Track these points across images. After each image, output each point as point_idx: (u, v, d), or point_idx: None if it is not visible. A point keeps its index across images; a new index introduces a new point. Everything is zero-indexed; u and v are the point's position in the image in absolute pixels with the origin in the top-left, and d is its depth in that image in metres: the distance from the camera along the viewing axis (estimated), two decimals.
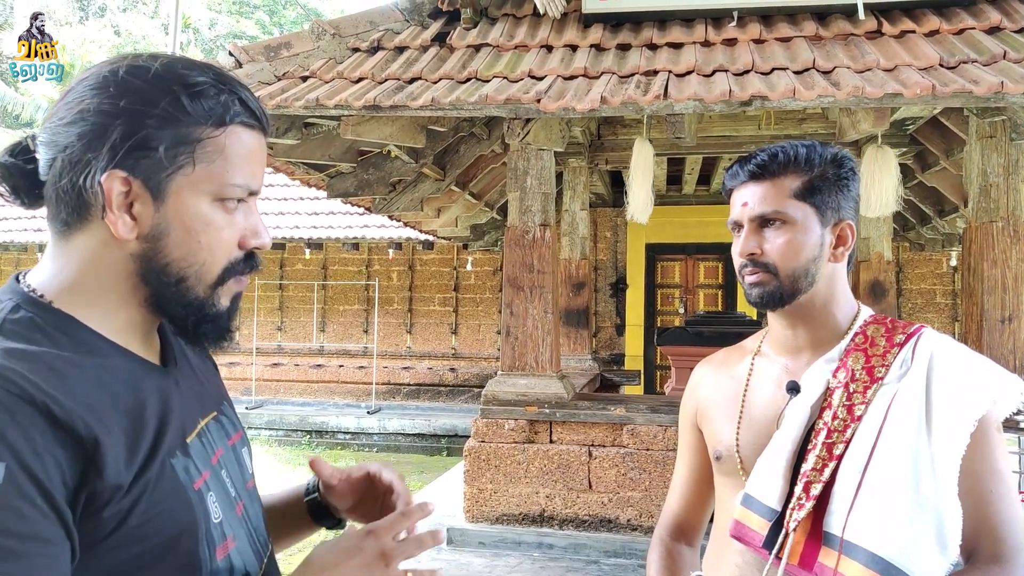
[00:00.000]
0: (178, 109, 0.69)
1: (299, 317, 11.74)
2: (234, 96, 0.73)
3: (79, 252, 0.71)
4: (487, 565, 4.29)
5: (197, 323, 0.74)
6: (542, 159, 4.80)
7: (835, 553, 0.98)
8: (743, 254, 1.13)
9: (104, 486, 0.62)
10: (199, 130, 0.70)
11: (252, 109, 0.74)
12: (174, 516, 0.68)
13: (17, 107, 16.28)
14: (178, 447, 0.71)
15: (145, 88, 0.69)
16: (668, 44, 4.61)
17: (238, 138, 0.73)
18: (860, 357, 1.08)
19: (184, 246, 0.71)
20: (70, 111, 0.69)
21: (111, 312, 0.72)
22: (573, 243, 6.50)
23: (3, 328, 0.65)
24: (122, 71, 0.69)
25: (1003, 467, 1.02)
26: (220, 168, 0.72)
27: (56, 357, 0.64)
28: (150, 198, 0.69)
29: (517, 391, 4.65)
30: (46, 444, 0.60)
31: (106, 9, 22.27)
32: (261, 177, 0.76)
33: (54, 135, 0.69)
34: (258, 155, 0.76)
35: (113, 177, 0.68)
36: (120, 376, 0.69)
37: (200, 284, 0.73)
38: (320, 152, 5.19)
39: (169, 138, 0.69)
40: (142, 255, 0.71)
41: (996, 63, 3.97)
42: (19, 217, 11.83)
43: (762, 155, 1.13)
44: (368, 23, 4.98)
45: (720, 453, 1.19)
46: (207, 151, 0.71)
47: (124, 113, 0.68)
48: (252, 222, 0.76)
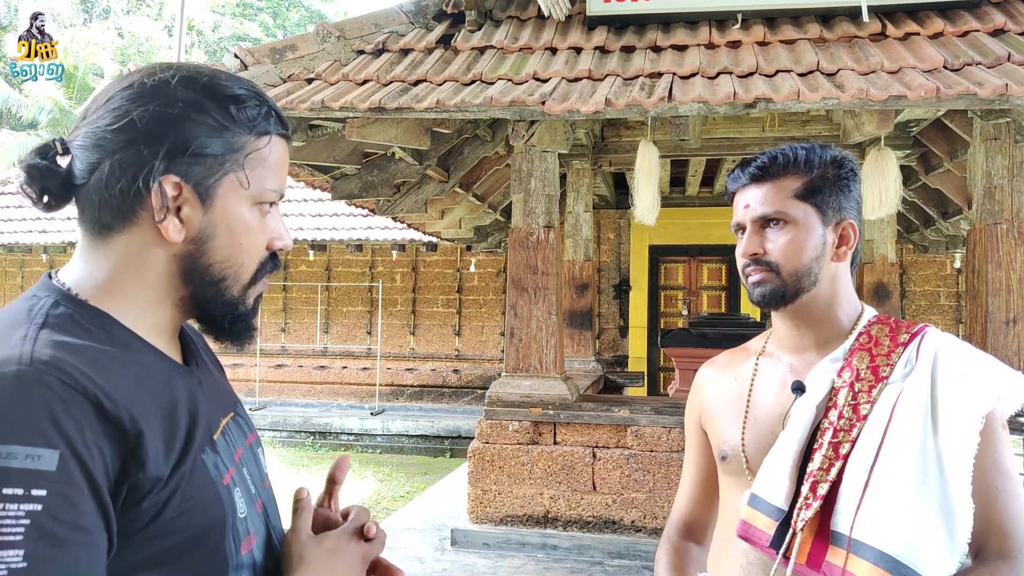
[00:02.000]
0: (227, 119, 0.74)
1: (303, 319, 11.76)
2: (271, 109, 0.78)
3: (119, 253, 0.73)
4: (491, 566, 4.29)
5: (232, 322, 0.78)
6: (546, 161, 4.81)
7: (843, 552, 0.98)
8: (746, 254, 1.14)
9: (145, 478, 0.64)
10: (244, 139, 0.75)
11: (284, 122, 0.81)
12: (205, 510, 0.70)
13: (20, 108, 16.34)
14: (207, 443, 0.73)
15: (197, 98, 0.73)
16: (672, 46, 4.62)
17: (277, 147, 0.79)
18: (865, 356, 1.09)
19: (227, 248, 0.75)
20: (117, 118, 0.71)
21: (144, 312, 0.74)
22: (577, 245, 6.51)
23: (48, 322, 0.67)
24: (174, 80, 0.73)
25: (1009, 464, 1.02)
26: (261, 175, 0.77)
27: (100, 352, 0.67)
28: (199, 202, 0.73)
29: (521, 392, 4.65)
30: (94, 436, 0.61)
31: (110, 11, 22.35)
32: (286, 183, 0.83)
33: (99, 140, 0.71)
34: (286, 163, 0.82)
35: (168, 181, 0.71)
36: (155, 373, 0.71)
37: (236, 284, 0.77)
38: (325, 154, 5.20)
39: (219, 145, 0.73)
40: (186, 256, 0.74)
41: (1000, 65, 3.97)
42: (23, 219, 11.87)
43: (762, 158, 1.15)
44: (373, 25, 5.00)
45: (725, 453, 1.19)
46: (251, 159, 0.76)
47: (178, 120, 0.72)
48: (277, 224, 0.80)
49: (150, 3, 23.19)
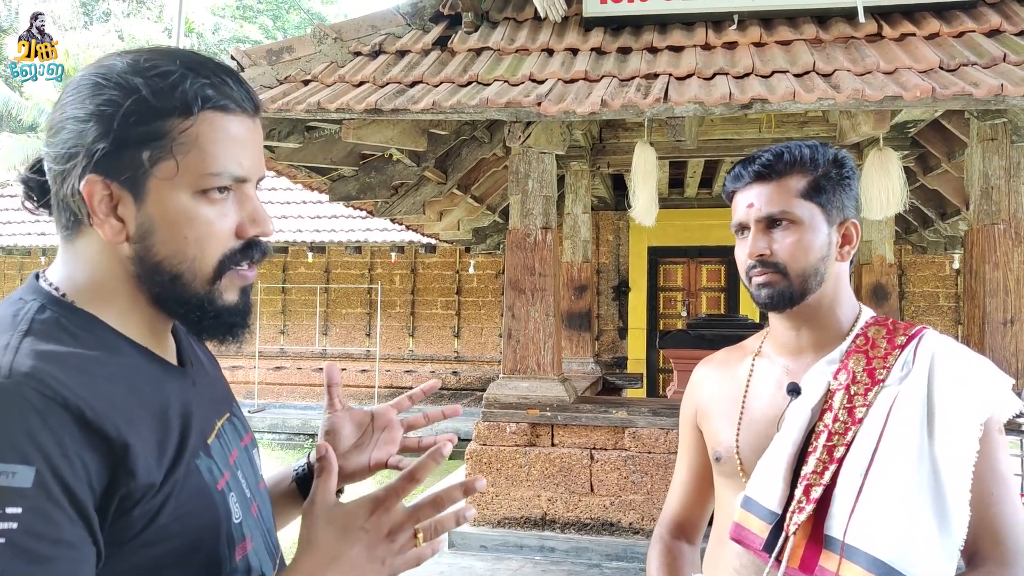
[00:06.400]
0: (141, 104, 0.67)
1: (302, 320, 11.75)
2: (204, 82, 0.69)
3: (84, 256, 0.71)
4: (489, 569, 4.28)
5: (199, 320, 0.73)
6: (543, 162, 4.81)
7: (836, 557, 0.98)
8: (752, 255, 1.12)
9: (137, 486, 0.63)
10: (167, 123, 0.67)
11: (228, 93, 0.70)
12: (199, 516, 0.68)
13: (21, 111, 16.33)
14: (201, 448, 0.72)
15: (110, 88, 0.67)
16: (668, 47, 4.62)
17: (211, 125, 0.69)
18: (861, 359, 1.08)
19: (171, 243, 0.69)
20: (56, 120, 0.69)
21: (126, 312, 0.72)
22: (575, 246, 6.50)
23: (32, 329, 0.65)
24: (90, 73, 0.69)
25: (1004, 469, 1.01)
26: (195, 159, 0.68)
27: (85, 358, 0.65)
28: (131, 199, 0.68)
29: (519, 394, 4.65)
30: (76, 448, 0.60)
31: (110, 14, 22.35)
32: (251, 162, 0.72)
33: (47, 146, 0.70)
34: (242, 140, 0.71)
35: (92, 182, 0.67)
36: (144, 376, 0.69)
37: (196, 280, 0.71)
38: (322, 155, 5.20)
39: (137, 135, 0.67)
40: (135, 256, 0.70)
41: (996, 66, 3.97)
42: (23, 221, 11.87)
43: (767, 155, 1.13)
44: (370, 27, 5.00)
45: (720, 454, 1.19)
46: (179, 143, 0.68)
47: (93, 116, 0.67)
48: (250, 209, 0.72)
49: (150, 5, 23.19)
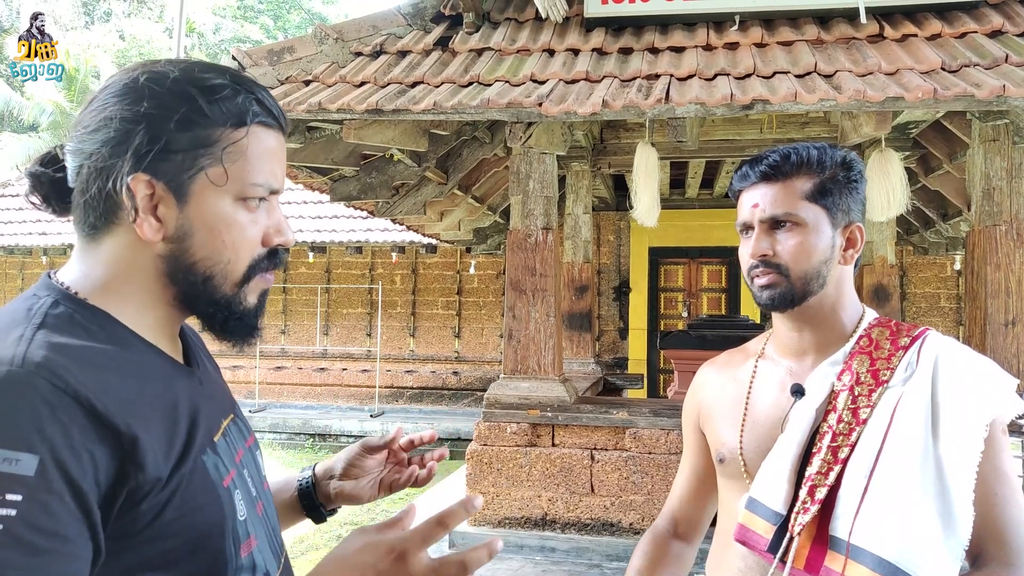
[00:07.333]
0: (197, 112, 0.71)
1: (303, 320, 11.76)
2: (252, 97, 0.74)
3: (107, 254, 0.72)
4: (489, 569, 4.28)
5: (225, 320, 0.76)
6: (544, 163, 4.81)
7: (842, 557, 0.97)
8: (755, 255, 1.12)
9: (145, 479, 0.64)
10: (218, 132, 0.72)
11: (270, 109, 0.76)
12: (205, 512, 0.69)
13: (21, 111, 16.34)
14: (208, 445, 0.73)
15: (164, 93, 0.71)
16: (670, 48, 4.62)
17: (258, 138, 0.75)
18: (865, 360, 1.08)
19: (209, 246, 0.73)
20: (94, 119, 0.71)
21: (142, 311, 0.73)
22: (576, 247, 6.50)
23: (46, 322, 0.66)
24: (142, 78, 0.71)
25: (1008, 469, 1.01)
26: (241, 168, 0.73)
27: (97, 352, 0.66)
28: (174, 200, 0.71)
29: (519, 394, 4.64)
30: (84, 440, 0.60)
31: (111, 14, 22.37)
32: (282, 176, 0.78)
33: (80, 143, 0.71)
34: (278, 154, 0.77)
35: (138, 180, 0.70)
36: (155, 372, 0.71)
37: (226, 282, 0.74)
38: (323, 156, 5.20)
39: (189, 141, 0.71)
40: (168, 256, 0.72)
41: (998, 66, 3.96)
42: (24, 221, 11.88)
43: (774, 156, 1.12)
44: (371, 27, 5.00)
45: (723, 456, 1.19)
46: (228, 152, 0.72)
47: (145, 118, 0.70)
48: (275, 220, 0.77)
49: (151, 6, 23.20)
